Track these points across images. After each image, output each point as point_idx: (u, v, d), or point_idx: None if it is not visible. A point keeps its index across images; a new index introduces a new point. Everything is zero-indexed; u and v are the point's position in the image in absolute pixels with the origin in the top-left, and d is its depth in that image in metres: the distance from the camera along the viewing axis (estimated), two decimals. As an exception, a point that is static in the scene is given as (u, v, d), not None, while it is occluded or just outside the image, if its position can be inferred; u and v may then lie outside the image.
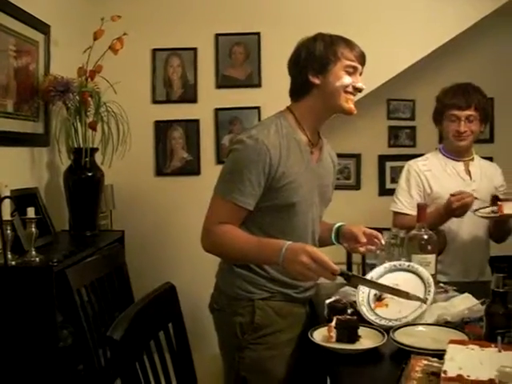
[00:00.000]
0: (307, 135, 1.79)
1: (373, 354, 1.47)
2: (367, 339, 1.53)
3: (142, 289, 1.68)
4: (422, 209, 1.96)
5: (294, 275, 1.58)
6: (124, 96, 2.84)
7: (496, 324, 1.36)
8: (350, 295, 1.84)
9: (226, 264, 1.81)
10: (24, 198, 2.36)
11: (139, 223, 3.35)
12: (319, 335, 1.56)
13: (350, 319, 1.56)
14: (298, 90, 1.79)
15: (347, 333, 1.51)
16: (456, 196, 2.14)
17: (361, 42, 1.81)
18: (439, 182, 2.38)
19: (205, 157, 3.44)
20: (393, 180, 3.75)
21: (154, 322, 1.46)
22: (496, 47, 3.78)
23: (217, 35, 3.39)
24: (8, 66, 2.39)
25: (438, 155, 2.47)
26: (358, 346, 1.50)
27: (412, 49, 3.34)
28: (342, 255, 2.85)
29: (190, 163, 3.44)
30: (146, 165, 3.43)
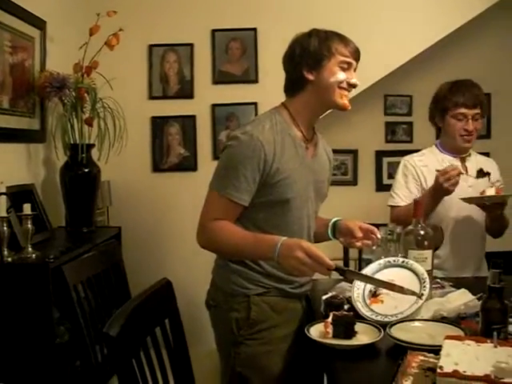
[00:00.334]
0: (302, 131, 1.78)
1: (369, 350, 1.47)
2: (364, 335, 1.53)
3: (139, 285, 1.68)
4: (419, 204, 1.96)
5: (290, 271, 1.59)
6: (120, 92, 2.82)
7: (492, 319, 1.36)
8: (347, 291, 1.84)
9: (222, 260, 1.81)
10: (20, 195, 2.36)
11: (136, 219, 3.35)
12: (316, 331, 1.56)
13: (347, 315, 1.56)
14: (293, 86, 1.79)
15: (344, 328, 1.51)
16: (441, 171, 2.15)
17: (357, 38, 1.81)
18: (436, 178, 2.38)
19: (201, 153, 3.43)
20: (390, 176, 3.74)
21: (151, 318, 1.46)
22: (492, 43, 3.77)
23: (213, 31, 3.38)
24: (4, 62, 2.38)
25: (435, 151, 2.46)
26: (355, 342, 1.50)
27: (409, 44, 3.33)
28: (339, 251, 2.86)
29: (187, 159, 3.44)
30: (143, 161, 3.42)
